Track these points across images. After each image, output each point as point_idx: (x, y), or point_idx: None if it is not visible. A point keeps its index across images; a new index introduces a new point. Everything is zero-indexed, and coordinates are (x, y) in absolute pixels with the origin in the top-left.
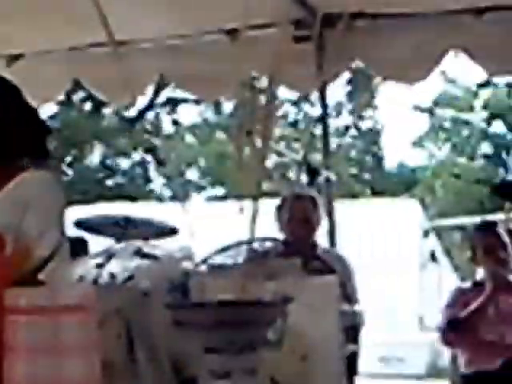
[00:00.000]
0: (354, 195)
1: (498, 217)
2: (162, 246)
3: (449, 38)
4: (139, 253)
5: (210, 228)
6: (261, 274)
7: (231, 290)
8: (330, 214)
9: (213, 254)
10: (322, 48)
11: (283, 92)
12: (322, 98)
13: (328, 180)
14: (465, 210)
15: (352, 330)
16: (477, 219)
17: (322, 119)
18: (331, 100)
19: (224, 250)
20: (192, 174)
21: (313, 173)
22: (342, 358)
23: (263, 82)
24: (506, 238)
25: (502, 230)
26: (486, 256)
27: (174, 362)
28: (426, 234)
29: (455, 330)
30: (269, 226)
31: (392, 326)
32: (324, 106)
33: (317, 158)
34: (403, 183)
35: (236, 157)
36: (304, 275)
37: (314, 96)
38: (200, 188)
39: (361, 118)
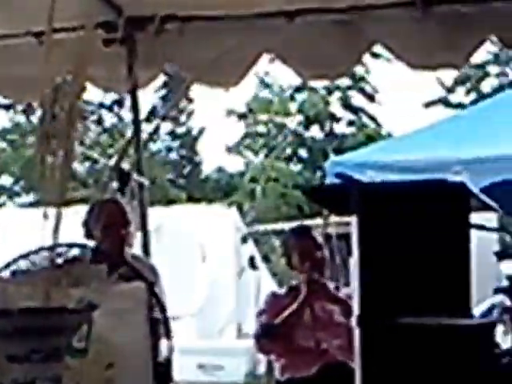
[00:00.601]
0: (169, 201)
1: (316, 222)
2: None
3: (262, 41)
4: None
5: (20, 234)
6: (66, 281)
7: (35, 297)
8: (143, 220)
9: (15, 260)
10: (134, 51)
11: (98, 97)
12: (134, 101)
13: (140, 185)
14: (284, 215)
15: (164, 337)
16: (295, 224)
17: (134, 123)
18: (146, 104)
19: (25, 256)
20: (5, 180)
21: (124, 178)
22: (150, 365)
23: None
24: (321, 241)
25: (317, 234)
26: (301, 259)
27: None
28: (244, 239)
29: (269, 336)
30: (81, 232)
31: (210, 333)
32: (136, 110)
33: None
34: (221, 189)
35: (39, 163)
36: (111, 281)
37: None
38: (14, 194)
39: (177, 122)
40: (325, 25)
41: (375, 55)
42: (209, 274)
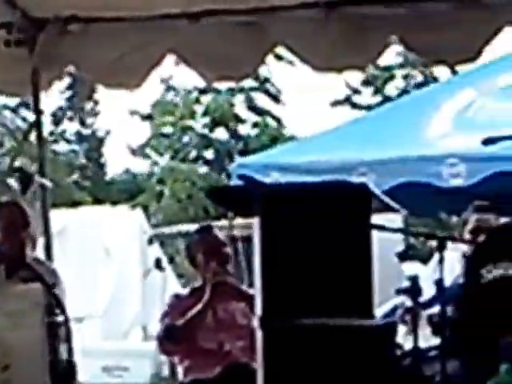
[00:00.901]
0: (74, 203)
1: (222, 223)
2: None
3: (165, 43)
4: None
5: None
6: None
7: None
8: (46, 222)
9: None
10: (36, 52)
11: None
12: (36, 103)
13: (43, 187)
14: (190, 217)
15: (65, 340)
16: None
17: (37, 125)
18: (52, 105)
19: None
20: None
21: (26, 180)
22: (47, 366)
23: None
24: (225, 240)
25: (221, 235)
26: (205, 258)
27: None
28: (150, 241)
29: (172, 338)
30: None
31: (116, 335)
32: (37, 111)
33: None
34: (127, 191)
35: None
36: (7, 283)
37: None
38: None
39: (83, 123)
40: (229, 26)
41: (279, 57)
42: (114, 275)
